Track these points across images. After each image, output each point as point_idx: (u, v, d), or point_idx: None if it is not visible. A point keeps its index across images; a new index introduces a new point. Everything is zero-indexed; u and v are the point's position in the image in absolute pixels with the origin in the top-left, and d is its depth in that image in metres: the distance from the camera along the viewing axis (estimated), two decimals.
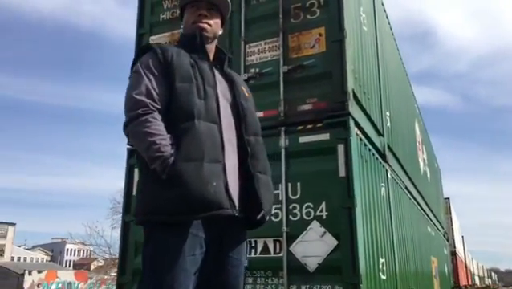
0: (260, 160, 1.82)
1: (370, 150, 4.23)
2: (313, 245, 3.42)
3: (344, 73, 3.70)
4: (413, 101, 9.68)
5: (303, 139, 3.70)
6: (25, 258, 58.37)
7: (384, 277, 4.05)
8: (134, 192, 4.06)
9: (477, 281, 38.27)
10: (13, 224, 56.70)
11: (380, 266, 3.97)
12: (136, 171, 3.91)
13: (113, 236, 30.81)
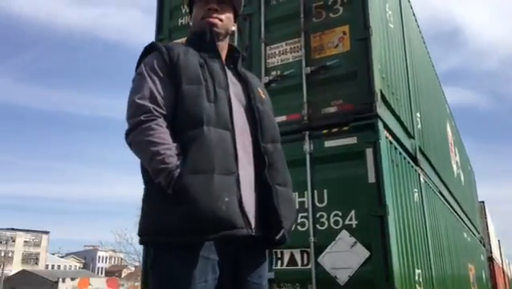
0: (279, 170, 1.61)
1: (401, 154, 4.05)
2: (343, 256, 3.26)
3: (371, 73, 3.56)
4: (444, 101, 9.35)
5: (329, 143, 3.56)
6: (59, 266, 60.08)
7: None
8: None
9: None
10: (47, 232, 58.47)
11: (416, 277, 3.76)
12: None
13: None
